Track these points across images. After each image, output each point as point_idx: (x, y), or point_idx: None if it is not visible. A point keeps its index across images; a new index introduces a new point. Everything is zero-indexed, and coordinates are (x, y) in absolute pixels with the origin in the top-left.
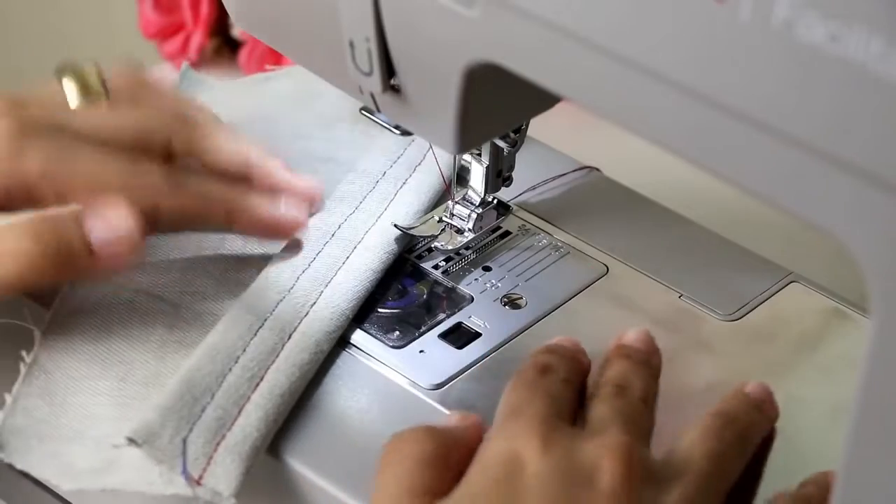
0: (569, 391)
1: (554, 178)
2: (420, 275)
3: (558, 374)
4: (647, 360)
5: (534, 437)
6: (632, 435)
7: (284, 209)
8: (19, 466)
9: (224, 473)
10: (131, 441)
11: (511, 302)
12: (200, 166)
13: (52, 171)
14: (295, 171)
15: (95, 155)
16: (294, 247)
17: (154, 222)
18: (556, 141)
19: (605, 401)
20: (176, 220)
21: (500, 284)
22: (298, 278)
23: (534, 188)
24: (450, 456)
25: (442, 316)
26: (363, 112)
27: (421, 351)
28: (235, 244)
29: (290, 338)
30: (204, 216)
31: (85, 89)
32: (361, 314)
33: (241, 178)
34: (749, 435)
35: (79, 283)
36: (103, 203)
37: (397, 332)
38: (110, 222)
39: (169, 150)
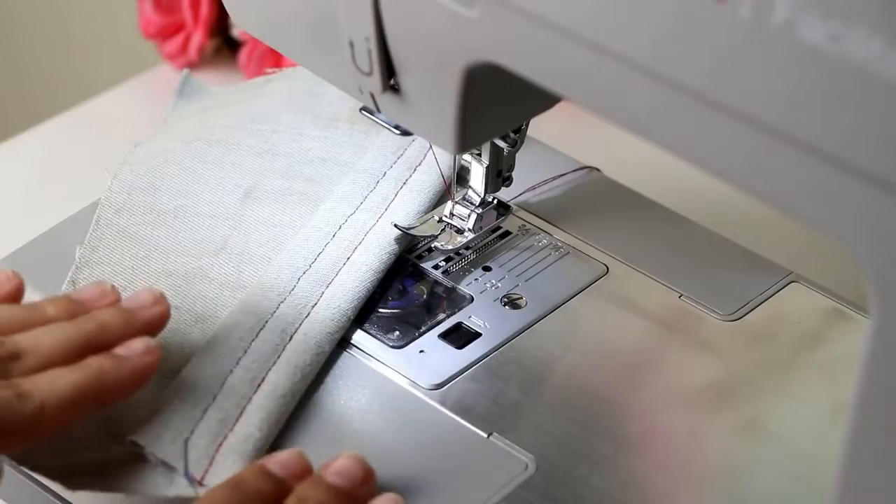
0: None
1: (554, 178)
2: (420, 275)
3: None
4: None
5: None
6: None
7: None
8: (20, 465)
9: (226, 474)
10: (133, 443)
11: (511, 302)
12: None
13: None
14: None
15: None
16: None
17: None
18: (556, 141)
19: None
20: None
21: (500, 284)
22: (299, 279)
23: (534, 188)
24: None
25: (442, 316)
26: (363, 112)
27: (421, 351)
28: (236, 245)
29: (291, 339)
30: (68, 415)
31: None
32: (362, 314)
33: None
34: None
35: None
36: None
37: (397, 332)
38: None
39: None
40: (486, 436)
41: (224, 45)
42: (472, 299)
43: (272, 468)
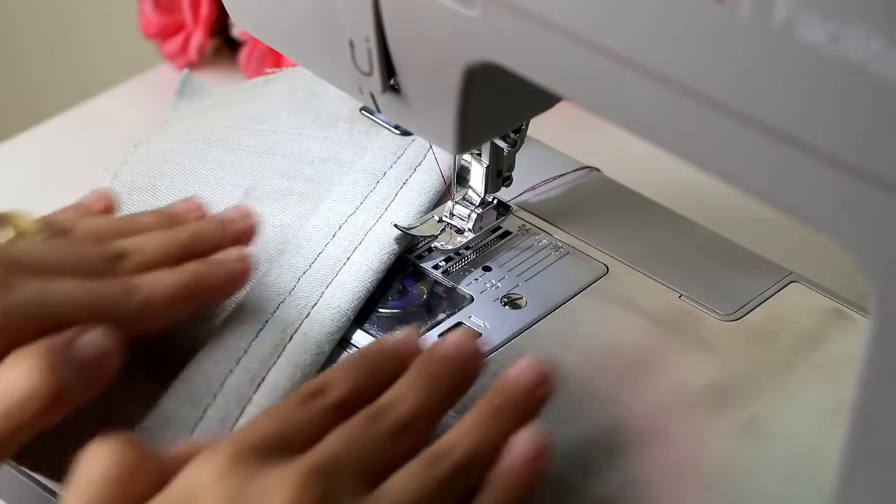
0: (329, 421)
1: (554, 178)
2: (420, 275)
3: (328, 398)
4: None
5: (214, 466)
6: (337, 462)
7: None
8: (20, 465)
9: None
10: None
11: (511, 302)
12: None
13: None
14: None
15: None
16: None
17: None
18: (556, 141)
19: (346, 426)
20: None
21: (500, 284)
22: (299, 280)
23: (534, 188)
24: (136, 478)
25: (442, 316)
26: (363, 112)
27: None
28: None
29: (291, 339)
30: (170, 310)
31: (18, 231)
32: (362, 314)
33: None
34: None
35: None
36: (76, 331)
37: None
38: (91, 346)
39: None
40: None
41: (224, 45)
42: (472, 299)
43: (390, 347)
